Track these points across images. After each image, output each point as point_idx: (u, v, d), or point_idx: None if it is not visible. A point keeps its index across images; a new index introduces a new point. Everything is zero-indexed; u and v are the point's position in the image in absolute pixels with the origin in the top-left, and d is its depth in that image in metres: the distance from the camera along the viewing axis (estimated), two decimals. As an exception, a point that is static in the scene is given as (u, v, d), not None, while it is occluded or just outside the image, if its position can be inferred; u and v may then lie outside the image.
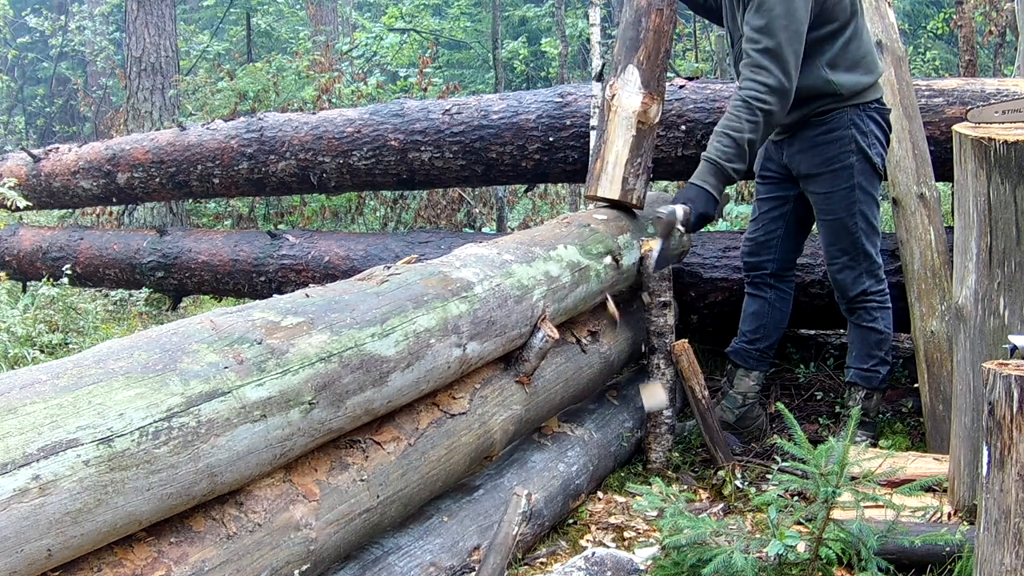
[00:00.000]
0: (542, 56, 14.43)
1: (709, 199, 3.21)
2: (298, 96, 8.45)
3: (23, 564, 1.48)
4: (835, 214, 3.42)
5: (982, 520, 1.90)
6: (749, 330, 3.78)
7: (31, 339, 4.85)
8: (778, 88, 3.15)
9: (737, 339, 3.83)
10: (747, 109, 3.15)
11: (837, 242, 3.45)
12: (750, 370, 3.79)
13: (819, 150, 3.39)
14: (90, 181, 6.18)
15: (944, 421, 3.31)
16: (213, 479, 1.80)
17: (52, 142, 13.36)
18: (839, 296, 3.54)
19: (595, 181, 3.61)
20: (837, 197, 3.40)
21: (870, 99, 3.38)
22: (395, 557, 2.40)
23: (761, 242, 3.72)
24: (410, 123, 4.93)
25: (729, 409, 3.81)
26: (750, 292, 3.79)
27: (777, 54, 3.14)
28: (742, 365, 3.80)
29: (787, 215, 3.67)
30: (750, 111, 3.15)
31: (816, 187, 3.46)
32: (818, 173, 3.42)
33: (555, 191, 8.62)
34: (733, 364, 3.83)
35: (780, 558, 2.34)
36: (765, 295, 3.75)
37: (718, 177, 3.20)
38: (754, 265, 3.75)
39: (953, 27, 7.41)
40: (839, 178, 3.38)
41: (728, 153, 3.17)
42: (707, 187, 3.20)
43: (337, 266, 5.06)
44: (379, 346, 2.22)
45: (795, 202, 3.64)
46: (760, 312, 3.75)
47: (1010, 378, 1.82)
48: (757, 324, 3.76)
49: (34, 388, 1.59)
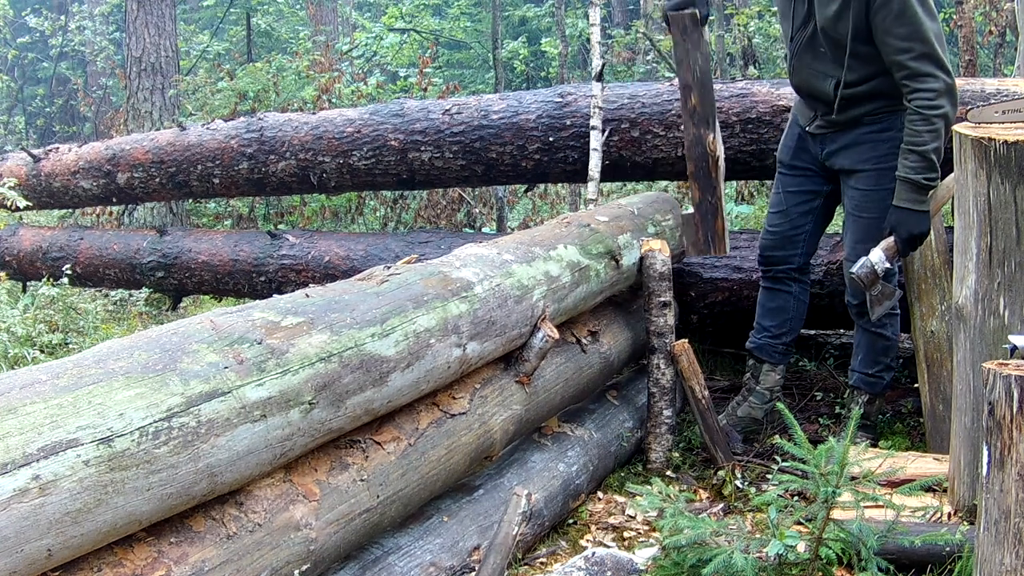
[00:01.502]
0: (542, 56, 14.43)
1: (915, 216, 3.20)
2: (298, 96, 8.45)
3: (23, 564, 1.48)
4: (870, 212, 3.37)
5: (982, 520, 1.90)
6: (773, 325, 3.73)
7: (31, 339, 4.85)
8: (946, 89, 3.11)
9: (758, 335, 3.77)
10: (923, 120, 3.13)
11: (865, 240, 3.37)
12: (776, 364, 3.76)
13: (868, 147, 3.34)
14: (90, 181, 6.18)
15: (944, 421, 3.31)
16: (213, 479, 1.80)
17: (52, 142, 13.36)
18: (850, 296, 3.49)
19: (720, 241, 3.66)
20: (876, 196, 3.34)
21: None
22: (395, 557, 2.40)
23: (788, 236, 3.65)
24: (410, 123, 4.93)
25: (758, 406, 3.78)
26: (772, 287, 3.73)
27: (933, 56, 3.10)
28: (768, 360, 3.75)
29: (816, 210, 3.62)
30: (926, 121, 3.13)
31: (857, 183, 3.40)
32: (863, 170, 3.37)
33: (555, 191, 8.61)
34: (757, 360, 3.78)
35: (780, 558, 2.34)
36: (790, 289, 3.70)
37: (916, 191, 3.19)
38: (779, 259, 3.68)
39: (953, 27, 7.41)
40: (884, 178, 3.31)
41: (917, 167, 3.16)
42: (909, 205, 3.20)
43: (337, 266, 5.06)
44: (379, 346, 2.22)
45: (826, 197, 3.60)
46: (785, 307, 3.71)
47: (1010, 378, 1.82)
48: (783, 319, 3.72)
49: (34, 388, 1.59)
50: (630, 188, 8.05)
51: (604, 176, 4.52)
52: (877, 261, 3.25)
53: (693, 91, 3.57)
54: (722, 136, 4.22)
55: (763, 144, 4.19)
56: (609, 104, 4.46)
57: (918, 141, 3.14)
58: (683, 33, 3.52)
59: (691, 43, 3.51)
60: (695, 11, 3.47)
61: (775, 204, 3.72)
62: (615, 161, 4.52)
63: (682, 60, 3.56)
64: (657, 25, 11.22)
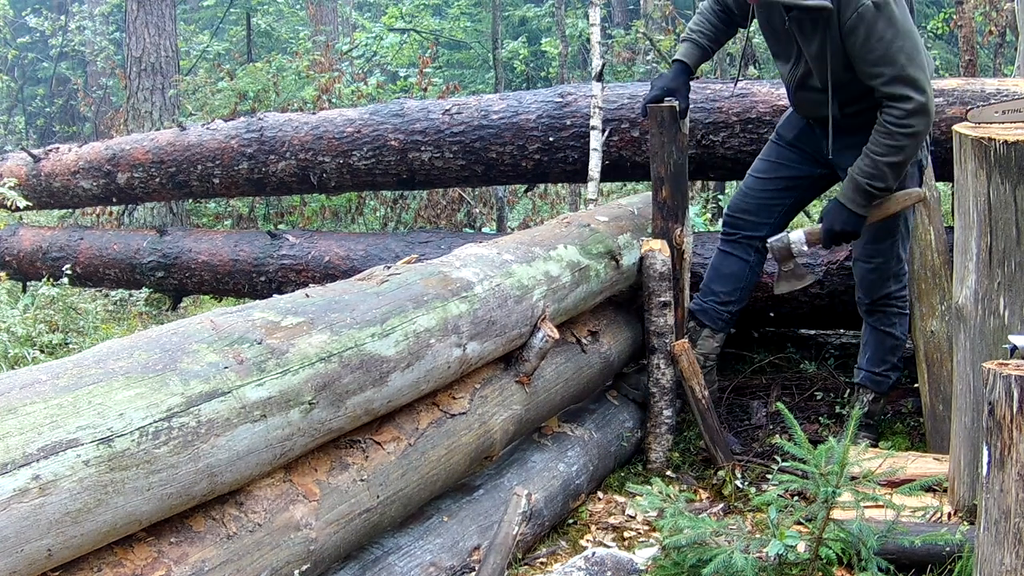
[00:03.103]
0: (542, 56, 14.43)
1: (848, 215, 3.24)
2: (298, 96, 8.45)
3: (23, 564, 1.48)
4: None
5: (982, 520, 1.90)
6: (724, 291, 3.68)
7: (31, 339, 4.85)
8: (917, 109, 3.10)
9: (704, 297, 3.72)
10: (887, 135, 3.14)
11: (875, 242, 3.39)
12: (716, 331, 3.72)
13: None
14: (90, 181, 6.18)
15: (944, 421, 3.31)
16: (213, 479, 1.80)
17: (52, 142, 13.35)
18: (862, 295, 3.49)
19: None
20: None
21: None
22: (395, 557, 2.40)
23: (766, 204, 3.61)
24: (410, 123, 4.93)
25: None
26: (731, 252, 3.68)
27: (903, 77, 3.08)
28: (709, 325, 3.71)
29: (801, 189, 3.61)
30: (890, 136, 3.14)
31: None
32: None
33: (555, 191, 8.61)
34: (699, 324, 3.73)
35: (780, 558, 2.34)
36: (748, 258, 3.66)
37: (859, 193, 3.21)
38: (749, 225, 3.63)
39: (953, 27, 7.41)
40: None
41: (868, 172, 3.18)
42: (847, 203, 3.24)
43: (337, 266, 5.06)
44: (379, 346, 2.22)
45: (814, 182, 3.60)
46: (740, 274, 3.66)
47: (1010, 378, 1.82)
48: (734, 286, 3.67)
49: (34, 388, 1.59)
50: (630, 188, 8.05)
51: (604, 176, 4.52)
52: (795, 240, 3.33)
53: (665, 184, 3.62)
54: (722, 136, 4.24)
55: (763, 144, 4.17)
56: (609, 104, 4.46)
57: (876, 150, 3.16)
58: (660, 126, 3.56)
59: (667, 136, 3.56)
60: (674, 104, 3.50)
61: (761, 170, 3.66)
62: (615, 161, 4.52)
63: (657, 152, 3.59)
64: (657, 25, 11.22)
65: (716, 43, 3.66)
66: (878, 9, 3.01)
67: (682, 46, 3.66)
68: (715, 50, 3.69)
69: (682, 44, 3.67)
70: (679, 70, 3.60)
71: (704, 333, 3.74)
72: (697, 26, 3.64)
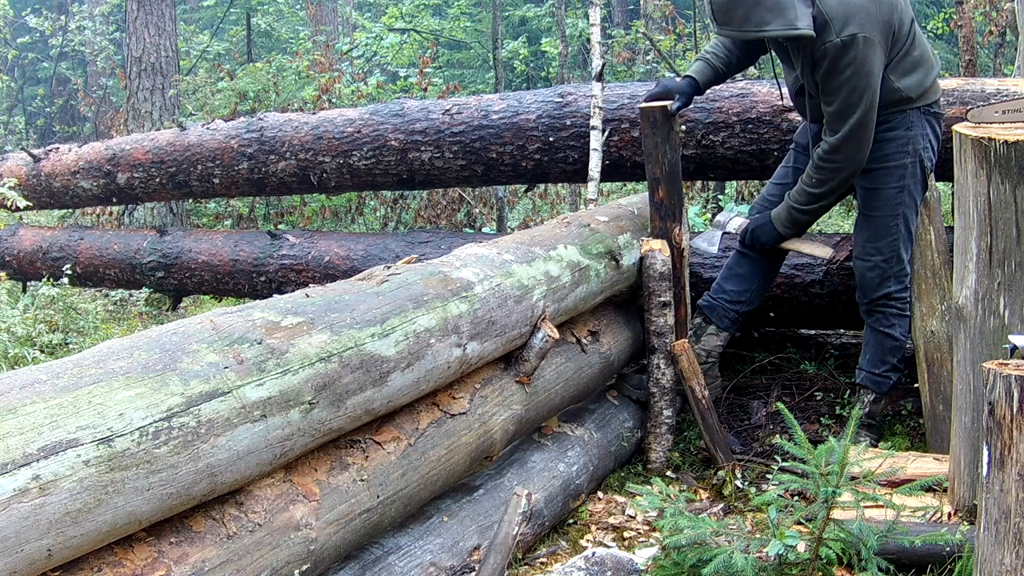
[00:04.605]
0: (542, 56, 14.43)
1: (768, 227, 3.57)
2: (298, 96, 8.45)
3: (23, 564, 1.48)
4: (878, 211, 3.40)
5: (982, 520, 1.90)
6: (735, 290, 3.72)
7: (31, 339, 4.85)
8: (840, 145, 3.27)
9: (716, 295, 3.76)
10: (814, 166, 3.39)
11: (874, 240, 3.41)
12: (722, 330, 3.75)
13: (876, 146, 3.35)
14: (90, 181, 6.18)
15: (944, 421, 3.31)
16: (213, 479, 1.80)
17: (52, 142, 13.37)
18: (861, 294, 3.50)
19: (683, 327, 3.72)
20: (884, 196, 3.37)
21: (930, 101, 3.38)
22: (395, 557, 2.40)
23: None
24: (410, 123, 4.93)
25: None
26: (747, 253, 3.72)
27: (844, 114, 3.23)
28: (716, 323, 3.75)
29: None
30: (815, 167, 3.38)
31: (864, 182, 3.42)
32: (869, 168, 3.38)
33: (555, 191, 8.61)
34: (705, 320, 3.77)
35: (780, 558, 2.34)
36: (762, 262, 3.70)
37: (785, 210, 3.52)
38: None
39: (953, 27, 7.41)
40: (890, 176, 3.35)
41: (796, 197, 3.48)
42: (773, 217, 3.56)
43: (337, 266, 5.06)
44: (379, 346, 2.22)
45: None
46: (753, 276, 3.71)
47: (1010, 378, 1.82)
48: (746, 287, 3.71)
49: (34, 388, 1.59)
50: (630, 188, 8.05)
51: (604, 176, 4.52)
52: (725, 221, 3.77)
53: (662, 184, 3.65)
54: (722, 136, 4.24)
55: (763, 144, 4.18)
56: (609, 104, 4.46)
57: (806, 180, 3.42)
58: (652, 126, 3.58)
59: (660, 136, 3.59)
60: (667, 104, 3.54)
61: (781, 176, 3.74)
62: (615, 161, 4.52)
63: (651, 153, 3.62)
64: (657, 25, 11.22)
65: (729, 67, 3.69)
66: (844, 47, 3.16)
67: (695, 64, 3.71)
68: (727, 74, 3.72)
69: (695, 62, 3.72)
70: (687, 83, 3.64)
71: (709, 330, 3.77)
72: (712, 48, 3.69)
